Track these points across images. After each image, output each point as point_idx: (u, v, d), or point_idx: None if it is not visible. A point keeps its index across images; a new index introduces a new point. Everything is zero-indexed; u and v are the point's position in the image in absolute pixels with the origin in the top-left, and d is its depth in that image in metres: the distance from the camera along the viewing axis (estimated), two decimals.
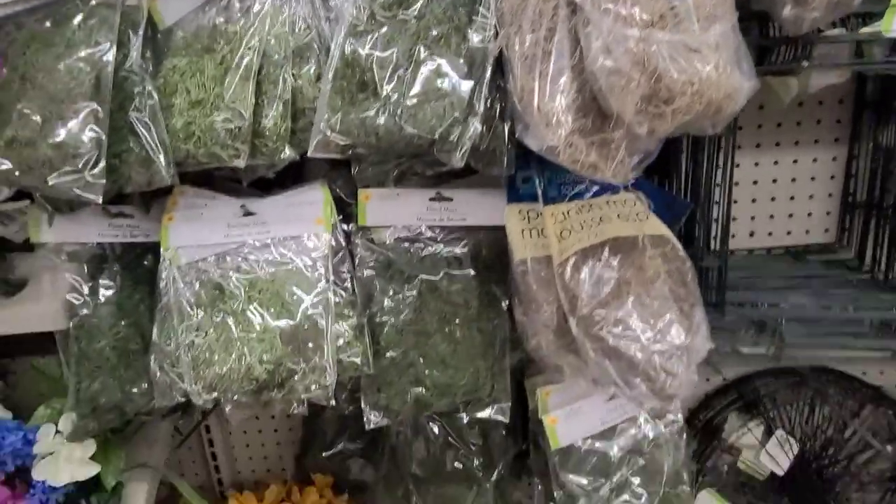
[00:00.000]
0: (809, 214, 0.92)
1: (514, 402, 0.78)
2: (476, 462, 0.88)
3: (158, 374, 0.70)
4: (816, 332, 0.78)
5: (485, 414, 0.76)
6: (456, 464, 0.87)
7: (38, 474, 0.71)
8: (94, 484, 0.82)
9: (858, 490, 1.00)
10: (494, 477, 0.88)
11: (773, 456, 0.92)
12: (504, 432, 0.89)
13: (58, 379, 0.79)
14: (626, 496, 0.77)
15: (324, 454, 1.01)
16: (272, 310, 0.67)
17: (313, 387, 0.66)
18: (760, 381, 0.96)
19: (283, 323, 0.66)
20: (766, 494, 0.97)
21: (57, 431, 0.73)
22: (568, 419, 0.76)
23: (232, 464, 1.11)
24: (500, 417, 0.76)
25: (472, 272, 0.73)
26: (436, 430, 0.87)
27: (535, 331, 0.68)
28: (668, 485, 0.78)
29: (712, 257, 0.75)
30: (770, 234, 0.93)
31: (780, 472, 0.93)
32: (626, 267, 0.61)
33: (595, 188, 0.66)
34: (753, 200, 0.92)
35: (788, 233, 0.93)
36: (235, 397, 0.66)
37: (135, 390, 0.73)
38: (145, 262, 0.76)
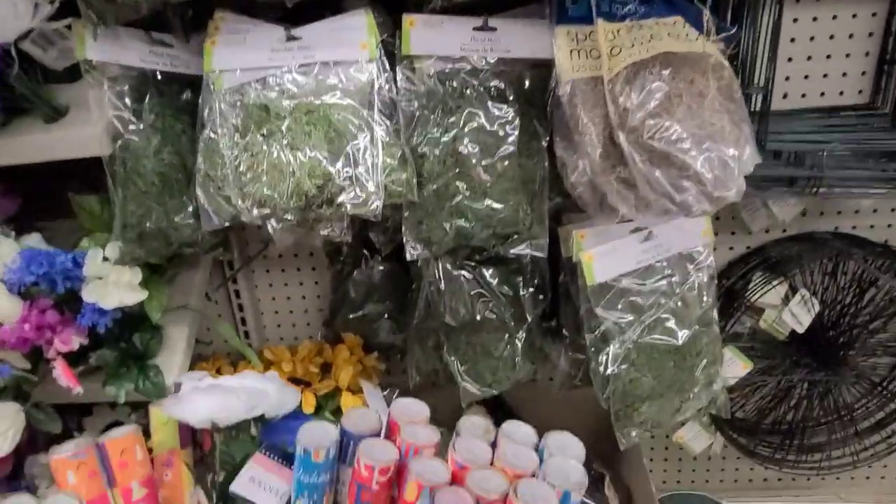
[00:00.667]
0: (844, 74, 0.92)
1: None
2: (507, 313, 0.90)
3: (204, 197, 0.70)
4: (853, 182, 0.79)
5: (523, 249, 0.78)
6: (487, 314, 0.89)
7: (87, 296, 0.72)
8: (139, 321, 0.84)
9: (867, 356, 1.03)
10: (524, 328, 0.91)
11: (796, 314, 0.94)
12: (533, 288, 0.91)
13: (99, 215, 0.80)
14: (658, 334, 0.79)
15: (352, 316, 1.04)
16: (319, 130, 0.67)
17: (361, 203, 0.67)
18: (784, 245, 0.98)
19: (330, 141, 0.67)
20: (782, 355, 1.00)
21: (104, 259, 0.74)
22: (604, 257, 0.78)
23: (261, 331, 1.13)
24: (538, 253, 0.78)
25: (514, 105, 0.73)
26: (468, 280, 0.89)
27: (579, 157, 0.69)
28: (700, 324, 0.80)
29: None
30: (803, 95, 0.93)
31: (801, 330, 0.95)
32: (677, 80, 0.61)
33: (643, 9, 0.66)
34: (790, 59, 0.91)
35: (822, 94, 0.93)
36: (285, 214, 0.67)
37: (179, 218, 0.74)
38: (186, 96, 0.76)
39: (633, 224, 0.80)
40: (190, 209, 0.74)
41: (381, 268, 1.02)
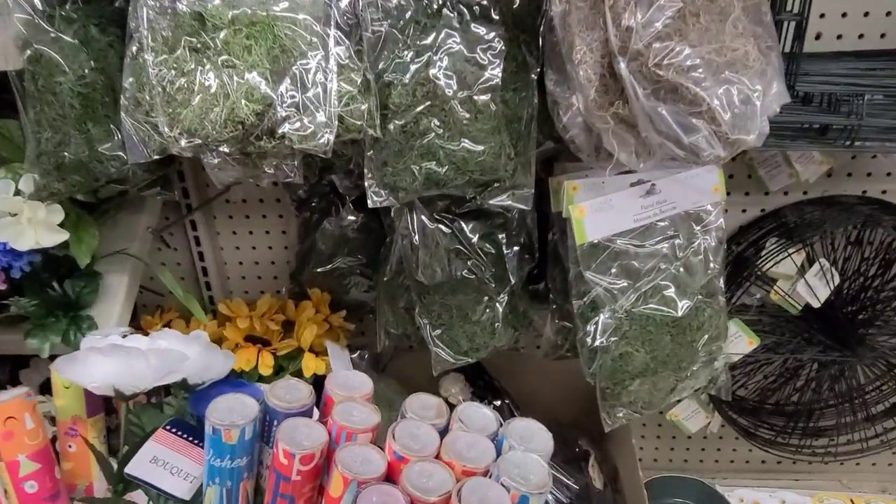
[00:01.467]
0: (889, 14, 0.79)
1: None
2: (488, 273, 0.80)
3: (130, 124, 0.60)
4: (893, 135, 0.68)
5: (504, 200, 0.67)
6: (466, 273, 0.79)
7: None
8: (68, 269, 0.75)
9: (889, 336, 0.93)
10: (507, 290, 0.81)
11: (812, 286, 0.84)
12: (518, 247, 0.81)
13: (19, 142, 0.70)
14: (655, 303, 0.69)
15: (320, 270, 0.94)
16: (262, 45, 0.56)
17: (309, 136, 0.56)
18: (804, 210, 0.87)
19: (274, 60, 0.56)
20: (792, 331, 0.91)
21: (17, 192, 0.64)
22: (597, 212, 0.67)
23: (224, 282, 1.04)
24: (521, 205, 0.67)
25: (500, 28, 0.62)
26: (445, 235, 0.79)
27: (573, 91, 0.58)
28: (703, 293, 0.70)
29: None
30: (839, 37, 0.81)
31: (817, 304, 0.85)
32: None
33: None
34: None
35: (861, 36, 0.81)
36: (219, 146, 0.56)
37: (104, 149, 0.63)
38: (117, 2, 0.65)
39: (633, 176, 0.69)
40: (117, 142, 0.64)
41: (352, 217, 0.92)
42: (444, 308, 0.81)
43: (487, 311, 0.81)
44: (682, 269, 0.70)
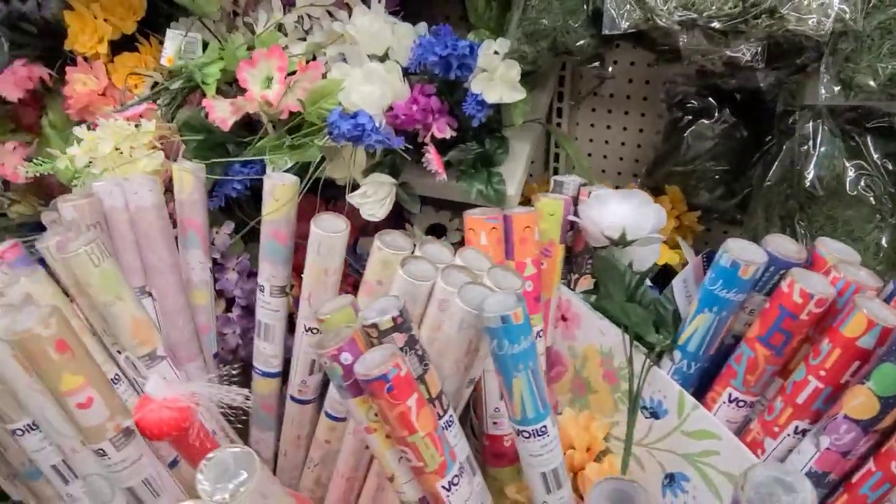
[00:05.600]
0: None
1: None
2: (885, 193, 0.78)
3: None
4: None
5: None
6: (861, 188, 0.79)
7: (475, 86, 0.74)
8: (493, 127, 0.86)
9: None
10: None
11: None
12: None
13: (482, 12, 0.80)
14: None
15: (679, 169, 0.98)
16: None
17: (804, 19, 0.59)
18: None
19: None
20: None
21: (495, 52, 0.75)
22: None
23: (569, 172, 1.12)
24: None
25: None
26: (848, 147, 0.78)
27: None
28: None
29: None
30: None
31: None
32: None
33: None
34: None
35: None
36: (710, 21, 0.61)
37: (573, 20, 0.71)
38: None
39: None
40: (585, 12, 0.71)
41: (725, 121, 0.94)
42: (828, 220, 0.81)
43: (875, 231, 0.80)
44: None
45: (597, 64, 0.79)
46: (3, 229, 1.07)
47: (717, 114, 0.93)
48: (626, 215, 0.62)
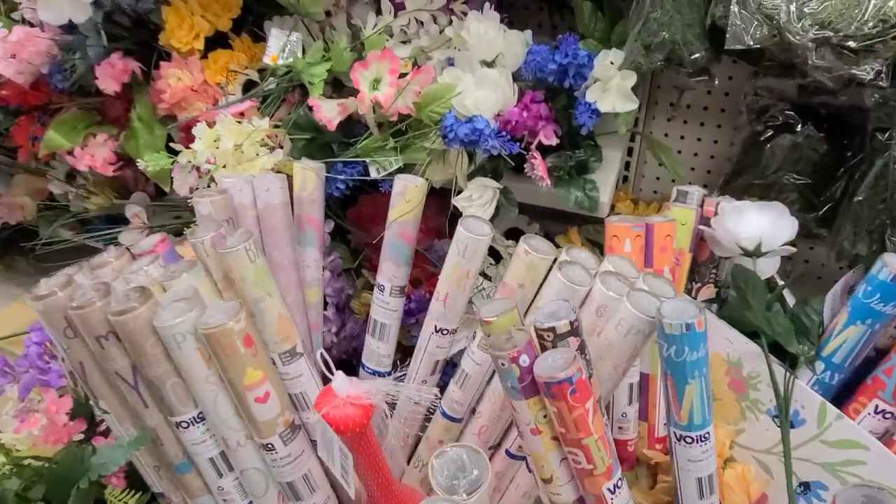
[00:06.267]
0: None
1: None
2: None
3: (739, 13, 0.68)
4: None
5: None
6: None
7: (590, 95, 0.76)
8: (587, 135, 0.87)
9: None
10: None
11: None
12: None
13: (588, 20, 0.82)
14: None
15: (757, 182, 0.99)
16: None
17: None
18: None
19: None
20: None
21: (611, 63, 0.76)
22: None
23: (638, 180, 1.14)
24: None
25: None
26: None
27: None
28: None
29: None
30: None
31: None
32: None
33: None
34: None
35: None
36: (846, 40, 0.62)
37: (691, 34, 0.73)
38: None
39: None
40: (701, 26, 0.72)
41: (809, 135, 0.95)
42: None
43: None
44: None
45: (705, 77, 0.80)
46: (80, 221, 1.07)
47: (800, 127, 0.95)
48: (764, 226, 0.63)
